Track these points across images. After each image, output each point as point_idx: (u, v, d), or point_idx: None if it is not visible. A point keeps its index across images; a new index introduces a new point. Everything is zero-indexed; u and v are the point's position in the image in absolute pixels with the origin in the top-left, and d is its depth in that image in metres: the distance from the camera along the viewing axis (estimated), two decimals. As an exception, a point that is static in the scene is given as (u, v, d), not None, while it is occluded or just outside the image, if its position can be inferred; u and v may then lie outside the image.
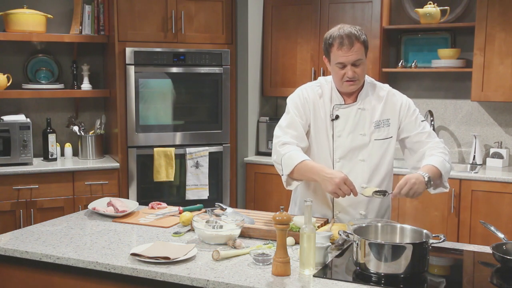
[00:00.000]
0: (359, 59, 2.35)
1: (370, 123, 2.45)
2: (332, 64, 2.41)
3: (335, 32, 2.37)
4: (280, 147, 2.42)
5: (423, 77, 4.58)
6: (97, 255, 2.10)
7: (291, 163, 2.35)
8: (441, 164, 2.36)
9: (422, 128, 2.48)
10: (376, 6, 4.34)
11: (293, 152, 2.38)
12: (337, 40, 2.34)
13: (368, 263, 1.88)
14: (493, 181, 3.88)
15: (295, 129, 2.45)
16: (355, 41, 2.33)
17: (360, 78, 2.40)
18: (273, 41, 4.78)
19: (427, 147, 2.45)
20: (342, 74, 2.37)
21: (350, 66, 2.35)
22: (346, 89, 2.42)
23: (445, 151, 2.45)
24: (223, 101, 4.55)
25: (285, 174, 2.39)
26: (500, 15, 4.00)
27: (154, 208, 2.82)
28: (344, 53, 2.33)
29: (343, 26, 2.38)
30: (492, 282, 1.96)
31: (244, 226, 2.30)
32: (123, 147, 4.30)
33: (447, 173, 2.39)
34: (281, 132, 2.46)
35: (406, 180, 2.25)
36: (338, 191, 2.23)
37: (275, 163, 2.45)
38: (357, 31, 2.36)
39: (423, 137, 2.46)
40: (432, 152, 2.42)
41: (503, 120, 4.37)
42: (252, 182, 4.72)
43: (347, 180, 2.24)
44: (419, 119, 2.50)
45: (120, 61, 4.24)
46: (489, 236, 2.30)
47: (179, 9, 4.38)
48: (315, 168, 2.32)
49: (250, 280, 1.85)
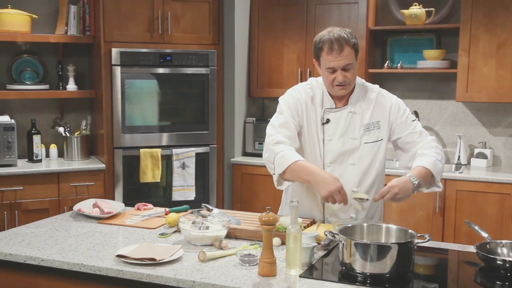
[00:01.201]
0: (349, 63, 2.33)
1: (360, 126, 2.44)
2: (322, 69, 2.38)
3: (325, 36, 2.34)
4: (273, 145, 2.37)
5: (409, 78, 4.61)
6: (83, 257, 2.09)
7: (285, 162, 2.32)
8: (433, 164, 2.34)
9: (413, 128, 2.46)
10: (362, 7, 4.36)
11: (287, 151, 2.34)
12: (327, 44, 2.31)
13: (353, 263, 1.89)
14: (477, 181, 3.92)
15: (288, 129, 2.42)
16: (345, 45, 2.30)
17: (351, 82, 2.39)
18: (260, 42, 4.79)
19: (419, 147, 2.43)
20: (333, 78, 2.35)
21: (340, 71, 2.33)
22: (337, 93, 2.41)
23: (437, 150, 2.43)
24: (209, 102, 4.55)
25: (277, 174, 2.35)
26: (485, 17, 4.04)
27: (140, 209, 2.81)
28: (334, 58, 2.31)
29: (332, 30, 2.35)
30: (476, 281, 1.98)
31: (230, 227, 2.30)
32: (109, 148, 4.28)
33: (439, 173, 2.38)
34: (274, 131, 2.42)
35: (389, 188, 2.24)
36: (331, 198, 2.23)
37: (267, 161, 2.41)
38: (347, 35, 2.33)
39: (415, 137, 2.45)
40: (423, 152, 2.40)
41: (487, 120, 4.41)
42: (239, 182, 4.72)
43: (342, 190, 2.23)
44: (410, 119, 2.48)
45: (106, 62, 4.21)
46: (474, 235, 2.32)
47: (166, 9, 4.37)
48: (309, 169, 2.30)
49: (236, 281, 1.85)
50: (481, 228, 2.24)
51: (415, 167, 2.34)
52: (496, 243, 2.09)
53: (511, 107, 4.32)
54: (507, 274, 1.93)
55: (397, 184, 2.24)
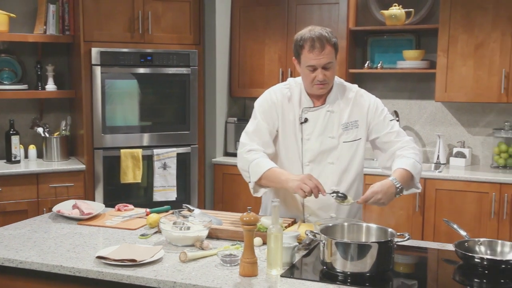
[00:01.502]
0: (329, 62, 2.34)
1: (338, 125, 2.45)
2: (302, 67, 2.39)
3: (306, 34, 2.35)
4: (246, 154, 2.41)
5: (389, 78, 4.64)
6: (62, 258, 2.07)
7: (259, 170, 2.34)
8: (413, 166, 2.36)
9: (391, 128, 2.48)
10: (342, 7, 4.39)
11: (261, 159, 2.37)
12: (308, 42, 2.32)
13: (334, 262, 1.90)
14: (456, 180, 3.97)
15: (261, 135, 2.44)
16: (326, 44, 2.32)
17: (330, 81, 2.40)
18: (241, 41, 4.79)
19: (396, 147, 2.45)
20: (313, 77, 2.36)
21: (320, 69, 2.34)
22: (316, 91, 2.42)
23: (415, 150, 2.45)
24: (190, 102, 4.54)
25: (252, 181, 2.38)
26: (463, 18, 4.09)
27: (121, 210, 2.79)
28: (315, 56, 2.32)
29: (314, 28, 2.36)
30: (454, 279, 2.01)
31: (211, 227, 2.30)
32: (89, 149, 4.24)
33: (418, 174, 2.40)
34: (247, 139, 2.45)
35: (373, 193, 2.24)
36: (304, 186, 2.20)
37: (242, 170, 2.44)
38: (328, 34, 2.34)
39: (392, 136, 2.47)
40: (403, 153, 2.41)
41: (465, 120, 4.47)
42: (220, 183, 4.71)
43: (312, 177, 2.24)
44: (388, 119, 2.49)
45: (86, 62, 4.18)
46: (453, 234, 2.35)
47: (146, 9, 4.35)
48: (283, 174, 2.32)
49: (218, 281, 1.85)
50: (459, 226, 2.26)
51: (396, 169, 2.35)
52: (474, 241, 2.12)
53: (489, 107, 4.38)
54: (485, 272, 1.96)
55: (380, 189, 2.24)
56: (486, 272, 1.95)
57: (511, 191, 3.82)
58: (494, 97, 4.07)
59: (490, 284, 1.91)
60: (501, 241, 2.12)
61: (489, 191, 3.87)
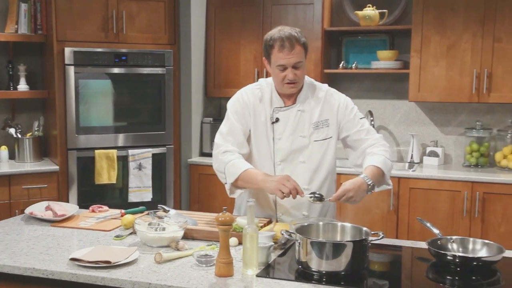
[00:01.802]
0: (299, 61, 2.36)
1: (309, 125, 2.47)
2: (272, 66, 2.41)
3: (276, 34, 2.37)
4: (222, 155, 2.42)
5: (364, 78, 4.69)
6: (35, 261, 2.04)
7: (236, 171, 2.35)
8: (383, 163, 2.38)
9: (361, 126, 2.51)
10: (317, 8, 4.41)
11: (236, 160, 2.38)
12: (278, 42, 2.35)
13: (310, 261, 1.91)
14: (429, 178, 4.02)
15: (235, 136, 2.46)
16: (296, 43, 2.34)
17: (300, 80, 2.43)
18: (216, 42, 4.78)
19: (367, 144, 2.47)
20: (283, 76, 2.38)
21: (291, 69, 2.36)
22: (287, 91, 2.44)
23: (385, 147, 2.47)
24: (166, 102, 4.51)
25: (229, 183, 2.39)
26: (435, 19, 4.15)
27: (95, 211, 2.76)
28: (285, 55, 2.34)
29: (283, 28, 2.39)
30: (428, 277, 2.03)
31: (187, 228, 2.29)
32: (62, 150, 4.19)
33: (389, 171, 2.42)
34: (222, 139, 2.46)
35: (344, 191, 2.24)
36: (282, 187, 2.21)
37: (217, 171, 2.45)
38: (297, 33, 2.37)
39: (363, 134, 2.49)
40: (373, 150, 2.44)
41: (438, 120, 4.54)
42: (196, 183, 4.70)
43: (289, 178, 2.25)
44: (358, 117, 2.52)
45: (59, 62, 4.13)
46: (426, 232, 2.38)
47: (120, 8, 4.31)
48: (259, 175, 2.33)
49: (193, 282, 1.85)
50: (432, 224, 2.30)
51: (367, 166, 2.37)
52: (447, 239, 2.16)
53: (461, 107, 4.45)
54: (457, 269, 1.99)
55: (352, 187, 2.25)
56: (458, 269, 1.99)
57: (482, 189, 3.89)
58: (465, 97, 4.14)
59: (462, 281, 1.94)
60: (473, 238, 2.16)
61: (461, 190, 3.94)
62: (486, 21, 4.02)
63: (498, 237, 3.80)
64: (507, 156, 4.21)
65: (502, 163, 4.22)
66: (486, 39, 4.03)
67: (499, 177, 3.93)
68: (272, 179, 2.27)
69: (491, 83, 4.05)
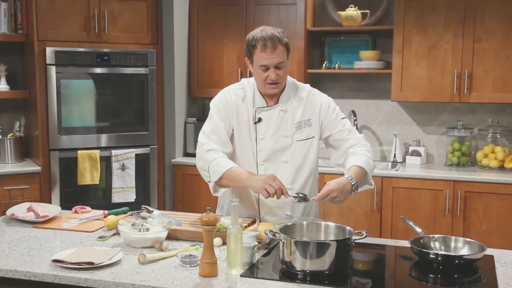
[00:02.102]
0: (282, 61, 2.37)
1: (292, 125, 2.48)
2: (255, 66, 2.42)
3: (258, 34, 2.38)
4: (205, 153, 2.41)
5: (346, 78, 4.71)
6: (16, 262, 2.02)
7: (219, 170, 2.35)
8: (366, 163, 2.40)
9: (343, 126, 2.52)
10: (300, 8, 4.43)
11: (220, 159, 2.38)
12: (260, 42, 2.35)
13: (294, 261, 1.92)
14: (412, 178, 4.06)
15: (219, 135, 2.46)
16: (278, 43, 2.35)
17: (283, 81, 2.43)
18: (200, 42, 4.77)
19: (349, 144, 2.49)
20: (265, 76, 2.39)
21: (273, 69, 2.37)
22: (269, 91, 2.44)
23: (367, 147, 2.49)
24: (149, 102, 4.49)
25: (212, 181, 2.38)
26: (416, 19, 4.19)
27: (78, 212, 2.74)
28: (267, 55, 2.35)
29: (265, 28, 2.39)
30: (411, 275, 2.05)
31: (171, 228, 2.28)
32: (44, 150, 4.15)
33: (371, 170, 2.44)
34: (206, 138, 2.46)
35: (328, 191, 2.24)
36: (268, 186, 2.21)
37: (201, 170, 2.44)
38: (279, 34, 2.38)
39: (344, 134, 2.51)
40: (356, 150, 2.45)
41: (420, 119, 4.58)
42: (180, 183, 4.69)
43: (275, 177, 2.25)
44: (340, 117, 2.54)
45: (40, 61, 4.08)
46: (409, 230, 2.40)
47: (102, 8, 4.28)
48: (244, 173, 2.33)
49: (177, 282, 1.84)
50: (415, 223, 2.32)
51: (350, 166, 2.38)
52: (429, 237, 2.18)
53: (442, 107, 4.50)
54: (440, 267, 2.01)
55: (336, 187, 2.25)
56: (440, 268, 2.01)
57: (464, 188, 3.94)
58: (447, 97, 4.18)
59: (445, 279, 1.96)
60: (455, 237, 2.19)
61: (444, 189, 3.98)
62: (467, 21, 4.06)
63: (479, 235, 3.85)
64: (487, 155, 4.26)
65: (483, 162, 4.27)
66: (466, 39, 4.08)
67: (480, 176, 3.98)
68: (258, 178, 2.27)
69: (472, 83, 4.10)
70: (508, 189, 3.85)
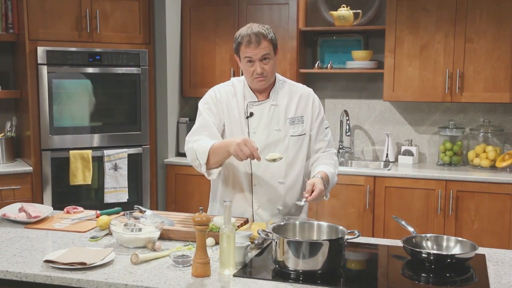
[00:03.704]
0: (266, 53, 2.41)
1: (284, 119, 2.51)
2: (242, 62, 2.47)
3: (244, 31, 2.43)
4: (192, 144, 2.45)
5: (339, 78, 4.72)
6: (8, 263, 2.01)
7: (204, 150, 2.37)
8: (332, 175, 2.47)
9: (324, 136, 2.60)
10: (292, 8, 4.43)
11: (203, 141, 2.42)
12: (245, 38, 2.41)
13: (286, 260, 1.92)
14: (404, 177, 4.07)
15: (208, 129, 2.48)
16: (262, 39, 2.40)
17: (269, 75, 2.46)
18: (192, 41, 4.76)
19: (322, 155, 2.57)
20: (252, 70, 2.43)
21: (258, 62, 2.41)
22: (257, 85, 2.48)
23: (336, 164, 2.59)
24: (141, 102, 4.48)
25: (203, 164, 2.40)
26: (408, 19, 4.20)
27: (70, 212, 2.73)
28: (251, 50, 2.40)
29: (251, 25, 2.45)
30: (403, 274, 2.06)
31: (163, 228, 2.28)
32: (36, 150, 4.13)
33: (332, 185, 2.51)
34: (194, 134, 2.49)
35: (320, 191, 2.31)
36: (240, 152, 2.24)
37: (192, 160, 2.46)
38: (265, 30, 2.42)
39: (323, 144, 2.59)
40: (326, 161, 2.53)
41: (412, 119, 4.59)
42: (173, 183, 4.68)
43: (247, 142, 2.26)
44: (324, 126, 2.61)
45: (32, 61, 4.07)
46: (402, 230, 2.41)
47: (94, 7, 4.26)
48: (225, 141, 2.37)
49: (170, 282, 1.84)
50: (407, 223, 2.33)
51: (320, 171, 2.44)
52: (422, 237, 2.19)
53: (434, 106, 4.52)
54: (432, 266, 2.02)
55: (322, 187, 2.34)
56: (432, 267, 2.02)
57: (456, 187, 3.95)
58: (439, 96, 4.20)
59: (437, 278, 1.97)
60: (447, 236, 2.20)
61: (436, 188, 3.99)
62: (458, 21, 4.08)
63: (471, 234, 3.87)
64: (479, 154, 4.28)
65: (474, 162, 4.29)
66: (458, 39, 4.10)
67: (472, 175, 4.00)
68: (233, 141, 2.28)
69: (463, 83, 4.12)
70: (500, 188, 3.88)
